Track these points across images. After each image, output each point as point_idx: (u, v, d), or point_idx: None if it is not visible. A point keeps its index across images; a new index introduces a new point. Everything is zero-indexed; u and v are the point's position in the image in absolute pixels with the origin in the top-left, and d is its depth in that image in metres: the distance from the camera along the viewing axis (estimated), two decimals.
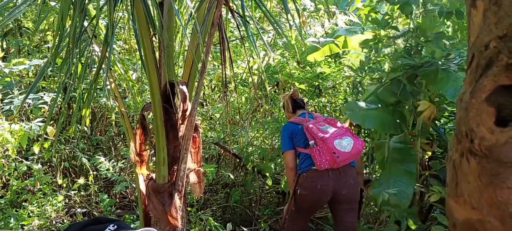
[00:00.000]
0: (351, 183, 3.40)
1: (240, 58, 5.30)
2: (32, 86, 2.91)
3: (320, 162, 3.30)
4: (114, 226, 1.05)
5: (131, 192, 5.04)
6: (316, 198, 3.40)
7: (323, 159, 3.30)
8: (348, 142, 3.38)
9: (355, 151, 3.38)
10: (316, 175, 3.35)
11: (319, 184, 3.34)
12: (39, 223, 4.05)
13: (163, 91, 2.71)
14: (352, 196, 3.44)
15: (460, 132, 0.92)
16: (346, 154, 3.32)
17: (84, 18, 2.45)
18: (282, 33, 3.52)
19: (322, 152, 3.31)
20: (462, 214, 0.93)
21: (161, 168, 2.71)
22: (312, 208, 3.59)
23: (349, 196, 3.41)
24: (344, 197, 3.39)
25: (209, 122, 5.71)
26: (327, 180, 3.34)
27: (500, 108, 0.85)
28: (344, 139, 3.40)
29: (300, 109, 3.71)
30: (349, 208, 3.47)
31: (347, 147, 3.35)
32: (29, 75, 4.95)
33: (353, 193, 3.45)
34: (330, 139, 3.35)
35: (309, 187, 3.37)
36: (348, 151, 3.34)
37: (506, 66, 0.82)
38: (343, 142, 3.36)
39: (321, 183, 3.33)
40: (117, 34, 4.84)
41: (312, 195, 3.39)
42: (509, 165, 0.82)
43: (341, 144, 3.34)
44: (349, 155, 3.34)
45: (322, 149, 3.32)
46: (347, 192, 3.37)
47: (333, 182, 3.35)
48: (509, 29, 0.82)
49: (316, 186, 3.35)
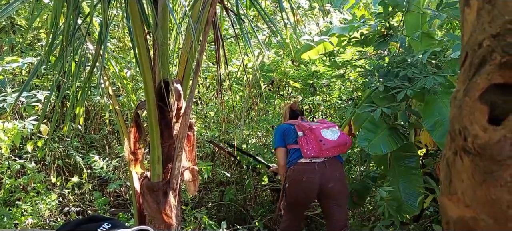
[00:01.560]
0: (337, 176, 3.49)
1: (234, 57, 5.29)
2: (25, 84, 2.88)
3: (306, 150, 3.44)
4: (108, 224, 1.04)
5: (125, 190, 5.02)
6: (302, 191, 3.50)
7: (310, 146, 3.44)
8: (334, 132, 3.54)
9: (341, 140, 3.52)
10: (302, 167, 3.47)
11: (305, 176, 3.44)
12: (33, 222, 4.03)
13: (157, 90, 2.70)
14: (339, 189, 3.51)
15: (454, 130, 0.92)
16: (332, 142, 3.45)
17: (77, 15, 2.43)
18: (276, 31, 3.53)
19: (309, 140, 3.46)
20: (455, 212, 0.94)
21: (155, 166, 2.70)
22: (301, 203, 3.64)
23: (336, 189, 3.48)
24: (331, 190, 3.46)
25: (204, 120, 5.71)
26: (313, 173, 3.44)
27: (494, 106, 0.85)
28: (331, 129, 3.56)
29: (296, 119, 3.83)
30: (337, 203, 3.52)
31: (333, 136, 3.49)
32: (22, 73, 4.92)
33: (340, 186, 3.52)
34: (318, 129, 3.52)
35: (296, 180, 3.48)
36: (334, 140, 3.47)
37: (500, 64, 0.82)
38: (329, 131, 3.52)
39: (307, 175, 3.44)
40: (111, 32, 4.82)
41: (299, 188, 3.49)
42: (502, 163, 0.82)
43: (327, 133, 3.50)
44: (335, 144, 3.46)
45: (309, 138, 3.47)
46: (333, 185, 3.46)
47: (319, 175, 3.44)
48: (503, 28, 0.82)
49: (302, 179, 3.45)
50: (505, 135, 0.81)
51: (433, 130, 3.36)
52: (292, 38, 4.83)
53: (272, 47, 5.21)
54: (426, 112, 3.48)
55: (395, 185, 3.68)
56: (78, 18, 2.47)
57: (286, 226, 3.70)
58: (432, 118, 3.37)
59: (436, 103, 3.42)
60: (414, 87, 3.38)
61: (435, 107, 3.40)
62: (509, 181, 0.80)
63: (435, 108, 3.40)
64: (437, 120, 3.34)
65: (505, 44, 0.81)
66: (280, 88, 5.70)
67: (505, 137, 0.81)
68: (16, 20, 5.30)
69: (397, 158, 3.78)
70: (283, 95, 5.86)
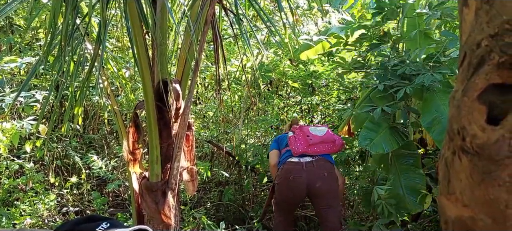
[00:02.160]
0: (324, 176, 3.53)
1: (233, 57, 5.29)
2: (24, 84, 2.88)
3: (295, 147, 3.60)
4: (107, 224, 1.04)
5: (124, 190, 5.02)
6: (290, 190, 3.57)
7: (298, 143, 3.60)
8: (322, 130, 3.71)
9: (328, 136, 3.66)
10: (290, 166, 3.59)
11: (292, 174, 3.53)
12: (31, 222, 4.03)
13: (156, 90, 2.70)
14: (327, 189, 3.53)
15: (452, 130, 0.92)
16: (318, 137, 3.61)
17: (76, 15, 2.43)
18: (275, 31, 3.53)
19: (298, 137, 3.63)
20: (454, 211, 0.94)
21: (154, 166, 2.70)
22: (289, 202, 3.71)
23: (324, 189, 3.53)
24: (319, 189, 3.49)
25: (203, 120, 5.70)
26: (300, 172, 3.52)
27: (492, 106, 0.86)
28: (319, 128, 3.75)
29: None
30: (328, 204, 3.53)
31: (321, 132, 3.66)
32: (20, 73, 4.91)
33: (327, 186, 3.55)
34: (307, 127, 3.74)
35: (284, 177, 3.58)
36: (321, 135, 3.64)
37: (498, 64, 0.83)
38: (317, 129, 3.71)
39: (294, 174, 3.52)
40: (110, 32, 4.81)
41: (287, 187, 3.58)
42: (501, 163, 0.82)
43: (315, 130, 3.68)
44: (321, 139, 3.61)
45: (298, 136, 3.64)
46: (321, 185, 3.50)
47: (306, 173, 3.51)
48: (501, 28, 0.82)
49: (289, 177, 3.54)
50: (503, 134, 0.81)
51: (430, 127, 3.35)
52: (290, 38, 4.83)
53: (271, 47, 5.21)
54: (424, 109, 3.47)
55: (396, 182, 3.68)
56: (76, 18, 2.47)
57: (276, 225, 3.79)
58: (430, 115, 3.37)
59: (434, 101, 3.41)
60: (413, 85, 3.38)
61: (433, 105, 3.40)
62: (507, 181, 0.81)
63: (433, 106, 3.39)
64: (435, 117, 3.33)
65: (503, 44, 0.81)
66: (279, 88, 5.69)
67: (504, 136, 0.81)
68: (15, 20, 5.30)
69: (398, 156, 3.78)
70: (282, 95, 5.86)
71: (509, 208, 0.81)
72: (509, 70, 0.81)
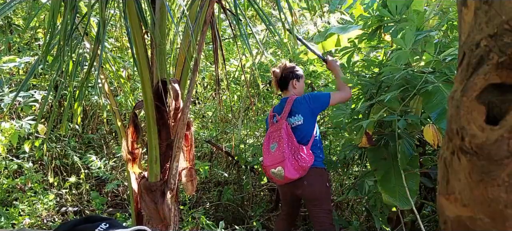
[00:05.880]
0: (304, 184, 3.31)
1: (232, 56, 5.29)
2: (22, 84, 2.88)
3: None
4: (106, 224, 1.04)
5: (123, 190, 5.01)
6: (280, 193, 3.60)
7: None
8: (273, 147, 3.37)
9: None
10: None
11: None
12: (30, 222, 4.03)
13: (155, 89, 2.70)
14: (310, 193, 3.32)
15: (451, 130, 0.92)
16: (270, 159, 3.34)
17: (75, 15, 2.43)
18: (274, 31, 3.52)
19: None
20: (453, 211, 0.94)
21: (153, 166, 2.70)
22: (283, 202, 3.65)
23: (307, 194, 3.32)
24: (301, 195, 3.35)
25: (202, 120, 5.70)
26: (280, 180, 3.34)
27: (491, 106, 0.86)
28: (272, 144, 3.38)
29: None
30: (314, 204, 3.41)
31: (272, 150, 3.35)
32: (19, 72, 4.91)
33: (309, 191, 3.32)
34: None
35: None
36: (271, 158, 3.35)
37: (497, 64, 0.83)
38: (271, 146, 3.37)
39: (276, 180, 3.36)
40: (109, 32, 4.81)
41: (278, 188, 3.68)
42: (500, 163, 0.82)
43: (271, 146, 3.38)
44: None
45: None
46: (302, 192, 3.32)
47: (285, 182, 3.30)
48: (500, 27, 0.82)
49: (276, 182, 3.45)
50: (502, 134, 0.81)
51: (439, 119, 3.24)
52: (289, 38, 4.83)
53: (270, 47, 5.21)
54: (429, 104, 3.37)
55: (391, 176, 3.64)
56: (75, 17, 2.46)
57: (278, 218, 3.78)
58: (437, 107, 3.27)
59: (439, 93, 3.31)
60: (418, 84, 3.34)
61: (439, 97, 3.30)
62: (506, 181, 0.81)
63: (439, 98, 3.30)
64: (441, 110, 3.24)
65: (502, 44, 0.81)
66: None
67: (503, 136, 0.81)
68: (14, 20, 5.29)
69: (395, 154, 3.76)
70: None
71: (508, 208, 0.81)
72: (508, 70, 0.81)
